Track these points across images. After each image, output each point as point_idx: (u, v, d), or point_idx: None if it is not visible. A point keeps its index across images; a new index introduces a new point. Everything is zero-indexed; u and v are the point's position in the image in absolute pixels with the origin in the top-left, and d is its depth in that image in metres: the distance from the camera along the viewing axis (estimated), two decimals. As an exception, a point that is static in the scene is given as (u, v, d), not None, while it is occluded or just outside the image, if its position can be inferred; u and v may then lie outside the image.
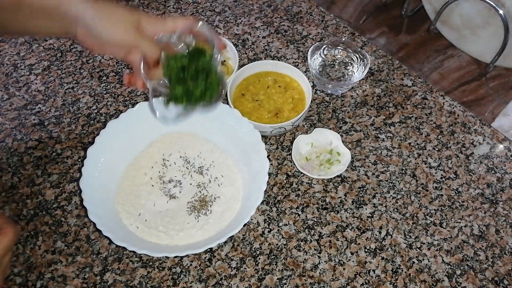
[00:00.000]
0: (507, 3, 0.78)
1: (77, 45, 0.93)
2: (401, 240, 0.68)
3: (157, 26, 0.59)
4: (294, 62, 0.90)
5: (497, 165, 0.76)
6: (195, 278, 0.65)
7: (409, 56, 0.93)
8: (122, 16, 0.57)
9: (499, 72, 0.89)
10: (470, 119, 0.81)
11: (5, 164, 0.76)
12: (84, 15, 0.56)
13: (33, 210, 0.71)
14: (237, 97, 0.78)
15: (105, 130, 0.70)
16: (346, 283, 0.64)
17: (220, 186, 0.71)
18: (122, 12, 0.57)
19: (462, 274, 0.65)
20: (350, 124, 0.81)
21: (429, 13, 0.94)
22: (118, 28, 0.57)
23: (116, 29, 0.57)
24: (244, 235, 0.68)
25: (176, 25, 0.60)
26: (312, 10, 0.99)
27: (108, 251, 0.67)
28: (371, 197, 0.72)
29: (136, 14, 0.58)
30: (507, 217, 0.70)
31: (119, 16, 0.57)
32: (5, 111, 0.83)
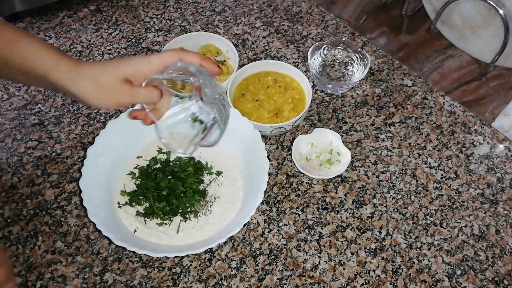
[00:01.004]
0: (507, 3, 0.78)
1: (77, 45, 0.93)
2: (401, 240, 0.68)
3: (142, 68, 0.56)
4: (294, 62, 0.90)
5: (497, 165, 0.76)
6: (195, 278, 0.65)
7: (409, 56, 0.93)
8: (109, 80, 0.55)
9: (499, 72, 0.89)
10: (470, 119, 0.81)
11: (5, 164, 0.76)
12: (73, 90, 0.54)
13: (33, 210, 0.71)
14: (237, 97, 0.78)
15: (105, 130, 0.69)
16: (346, 283, 0.64)
17: (220, 186, 0.71)
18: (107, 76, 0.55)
19: (462, 274, 0.65)
20: (350, 124, 0.81)
21: (429, 13, 0.94)
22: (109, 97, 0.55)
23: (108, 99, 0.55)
24: (244, 235, 0.68)
25: (163, 63, 0.57)
26: (312, 10, 0.99)
27: (108, 251, 0.67)
28: (371, 197, 0.72)
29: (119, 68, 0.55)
30: (507, 217, 0.70)
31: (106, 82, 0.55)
32: (5, 111, 0.83)
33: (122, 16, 0.99)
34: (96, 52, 0.92)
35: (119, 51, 0.92)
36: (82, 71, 0.54)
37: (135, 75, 0.56)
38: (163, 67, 0.57)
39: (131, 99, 0.56)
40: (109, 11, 1.00)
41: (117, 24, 0.97)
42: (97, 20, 0.98)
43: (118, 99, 0.55)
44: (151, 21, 0.98)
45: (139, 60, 0.56)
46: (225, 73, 0.83)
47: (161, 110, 0.61)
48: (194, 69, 0.57)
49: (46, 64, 0.54)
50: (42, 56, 0.55)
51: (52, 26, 0.97)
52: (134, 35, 0.95)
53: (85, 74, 0.54)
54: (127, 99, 0.56)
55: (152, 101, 0.58)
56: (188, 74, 0.57)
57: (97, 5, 1.01)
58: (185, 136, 0.65)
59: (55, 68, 0.54)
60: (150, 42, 0.94)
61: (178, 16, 0.98)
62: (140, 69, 0.56)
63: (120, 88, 0.55)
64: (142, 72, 0.56)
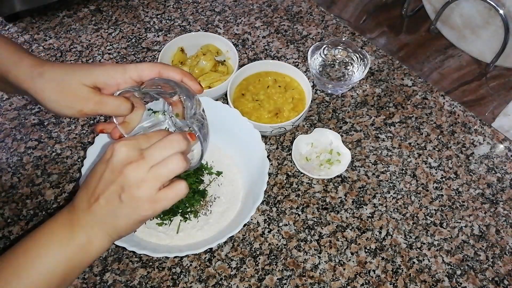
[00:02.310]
0: (507, 3, 0.78)
1: (77, 45, 0.93)
2: (401, 240, 0.68)
3: (117, 78, 0.52)
4: (294, 62, 0.90)
5: (497, 165, 0.76)
6: (195, 278, 0.65)
7: (409, 56, 0.93)
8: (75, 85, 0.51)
9: (499, 72, 0.89)
10: (471, 119, 0.81)
11: (5, 164, 0.76)
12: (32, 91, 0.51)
13: (32, 210, 0.71)
14: (237, 97, 0.78)
15: (105, 130, 0.69)
16: (346, 283, 0.64)
17: (220, 186, 0.71)
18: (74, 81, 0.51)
19: (463, 274, 0.65)
20: (350, 124, 0.81)
21: (429, 13, 0.94)
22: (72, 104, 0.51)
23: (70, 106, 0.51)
24: (244, 235, 0.68)
25: (141, 74, 0.52)
26: (312, 10, 0.99)
27: (108, 251, 0.67)
28: (371, 197, 0.72)
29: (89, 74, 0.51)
30: (507, 217, 0.70)
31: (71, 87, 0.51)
32: (5, 111, 0.83)
33: (122, 16, 0.99)
34: (96, 52, 0.92)
35: (119, 51, 0.92)
36: (45, 72, 0.51)
37: (106, 83, 0.52)
38: (139, 79, 0.53)
39: (97, 109, 0.52)
40: (109, 11, 1.00)
41: (117, 24, 0.97)
42: (97, 20, 0.98)
43: (82, 107, 0.51)
44: (151, 21, 0.98)
45: (114, 68, 0.52)
46: (225, 73, 0.83)
47: (130, 124, 0.57)
48: (173, 84, 0.52)
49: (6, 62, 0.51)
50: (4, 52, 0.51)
51: (52, 26, 0.97)
52: (134, 35, 0.95)
53: (47, 74, 0.50)
54: (92, 108, 0.52)
55: (121, 113, 0.54)
56: (166, 89, 0.53)
57: (97, 5, 1.01)
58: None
59: (16, 65, 0.51)
60: (150, 42, 0.94)
61: (178, 16, 0.98)
62: (114, 77, 0.52)
63: (86, 95, 0.51)
64: (115, 81, 0.52)
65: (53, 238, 0.47)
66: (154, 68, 0.53)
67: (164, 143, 0.47)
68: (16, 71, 0.51)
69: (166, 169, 0.46)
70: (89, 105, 0.51)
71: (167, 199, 0.46)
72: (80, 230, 0.47)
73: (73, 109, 0.51)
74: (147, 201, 0.46)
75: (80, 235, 0.47)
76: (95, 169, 0.48)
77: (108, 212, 0.47)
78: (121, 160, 0.45)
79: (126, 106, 0.53)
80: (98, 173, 0.47)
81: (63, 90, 0.51)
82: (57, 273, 0.46)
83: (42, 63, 0.51)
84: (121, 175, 0.45)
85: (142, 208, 0.46)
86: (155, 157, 0.46)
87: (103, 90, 0.53)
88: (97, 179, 0.47)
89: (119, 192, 0.45)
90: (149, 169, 0.45)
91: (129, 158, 0.45)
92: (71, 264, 0.47)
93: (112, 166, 0.46)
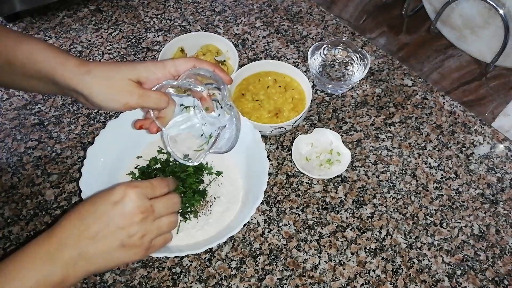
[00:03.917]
0: (507, 3, 0.78)
1: (77, 45, 0.93)
2: (401, 240, 0.68)
3: (157, 73, 0.56)
4: (294, 62, 0.90)
5: (497, 165, 0.76)
6: (195, 278, 0.65)
7: (409, 56, 0.93)
8: (121, 81, 0.54)
9: (499, 72, 0.89)
10: (471, 119, 0.81)
11: (5, 164, 0.76)
12: (80, 87, 0.53)
13: (32, 210, 0.71)
14: (237, 97, 0.78)
15: (105, 130, 0.69)
16: (346, 283, 0.64)
17: (220, 186, 0.71)
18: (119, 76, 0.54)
19: (463, 274, 0.65)
20: (350, 124, 0.81)
21: (429, 13, 0.94)
22: (119, 97, 0.54)
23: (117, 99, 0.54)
24: (244, 235, 0.68)
25: (178, 69, 0.57)
26: (312, 10, 0.99)
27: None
28: (371, 197, 0.72)
29: (133, 70, 0.55)
30: (507, 217, 0.70)
31: (117, 82, 0.54)
32: (5, 111, 0.83)
33: (122, 16, 0.99)
34: (96, 52, 0.92)
35: (119, 51, 0.92)
36: (92, 69, 0.54)
37: (148, 78, 0.56)
38: (177, 74, 0.57)
39: (141, 102, 0.55)
40: (109, 11, 1.00)
41: (117, 24, 0.97)
42: (97, 20, 0.98)
43: (127, 100, 0.55)
44: (151, 21, 0.98)
45: (154, 64, 0.57)
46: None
47: (165, 118, 0.61)
48: (207, 74, 0.58)
49: (52, 63, 0.54)
50: (48, 54, 0.54)
51: (52, 26, 0.97)
52: (134, 35, 0.95)
53: (94, 72, 0.54)
54: (137, 101, 0.55)
55: (161, 107, 0.58)
56: (198, 83, 0.58)
57: (97, 5, 1.01)
58: (189, 146, 0.66)
59: (62, 65, 0.53)
60: (150, 42, 0.94)
61: (178, 16, 0.98)
62: (154, 73, 0.56)
63: (131, 89, 0.55)
64: (156, 76, 0.56)
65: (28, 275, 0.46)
66: (189, 62, 0.58)
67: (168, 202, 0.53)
68: (63, 70, 0.53)
69: (166, 225, 0.53)
70: (134, 98, 0.55)
71: (156, 246, 0.53)
72: (60, 267, 0.47)
73: (119, 102, 0.55)
74: (144, 249, 0.51)
75: (60, 272, 0.47)
76: (97, 207, 0.49)
77: (101, 253, 0.48)
78: (133, 208, 0.49)
79: (165, 99, 0.57)
80: (101, 211, 0.48)
81: (110, 85, 0.54)
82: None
83: (87, 62, 0.55)
84: (132, 223, 0.48)
85: (138, 254, 0.51)
86: (161, 212, 0.52)
87: (144, 84, 0.57)
88: (98, 216, 0.48)
89: (123, 239, 0.48)
90: (153, 222, 0.51)
91: (140, 207, 0.49)
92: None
93: (123, 211, 0.48)
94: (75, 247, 0.47)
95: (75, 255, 0.47)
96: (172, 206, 0.54)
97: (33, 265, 0.46)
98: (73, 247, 0.47)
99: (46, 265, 0.46)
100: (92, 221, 0.48)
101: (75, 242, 0.47)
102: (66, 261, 0.47)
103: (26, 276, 0.46)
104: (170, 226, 0.54)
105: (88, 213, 0.49)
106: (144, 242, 0.50)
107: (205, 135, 0.67)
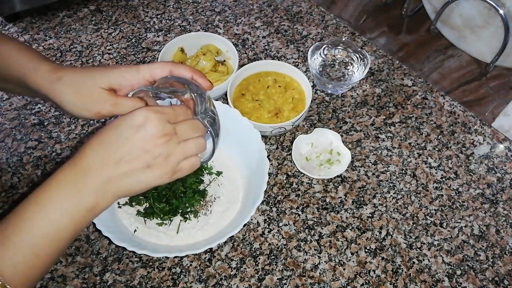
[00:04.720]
0: (507, 3, 0.78)
1: (77, 45, 0.93)
2: (401, 240, 0.68)
3: (130, 79, 0.54)
4: (294, 62, 0.90)
5: (497, 165, 0.76)
6: (195, 278, 0.65)
7: (409, 56, 0.93)
8: (92, 89, 0.52)
9: (499, 72, 0.89)
10: (471, 119, 0.81)
11: (5, 164, 0.76)
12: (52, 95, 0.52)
13: (33, 210, 0.71)
14: (237, 97, 0.78)
15: (105, 130, 0.69)
16: (346, 283, 0.64)
17: (220, 186, 0.71)
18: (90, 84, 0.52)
19: (463, 274, 0.65)
20: (350, 124, 0.81)
21: (429, 13, 0.94)
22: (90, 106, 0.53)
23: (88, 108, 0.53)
24: (244, 235, 0.68)
25: (153, 73, 0.54)
26: (312, 10, 0.99)
27: (108, 251, 0.67)
28: (371, 197, 0.72)
29: (105, 76, 0.53)
30: (507, 217, 0.70)
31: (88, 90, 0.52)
32: (5, 111, 0.83)
33: (122, 16, 0.99)
34: (96, 52, 0.92)
35: (119, 51, 0.92)
36: (63, 76, 0.52)
37: (121, 85, 0.54)
38: (152, 79, 0.55)
39: (113, 110, 0.53)
40: (109, 11, 1.00)
41: (117, 24, 0.97)
42: (97, 20, 0.98)
43: (99, 109, 0.53)
44: (151, 21, 0.98)
45: (128, 69, 0.54)
46: (225, 73, 0.83)
47: None
48: (184, 81, 0.54)
49: (25, 67, 0.52)
50: (22, 58, 0.53)
51: (52, 26, 0.97)
52: (134, 35, 0.95)
53: (65, 79, 0.52)
54: (109, 110, 0.53)
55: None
56: (177, 87, 0.55)
57: (97, 5, 1.01)
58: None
59: (34, 71, 0.52)
60: (150, 42, 0.94)
61: (178, 16, 0.98)
62: (127, 78, 0.54)
63: (102, 97, 0.53)
64: (129, 82, 0.54)
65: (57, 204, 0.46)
66: (165, 67, 0.55)
67: (192, 125, 0.51)
68: (35, 76, 0.52)
69: (193, 147, 0.51)
70: (106, 107, 0.53)
71: (183, 170, 0.51)
72: (90, 193, 0.47)
73: (90, 111, 0.53)
74: (170, 171, 0.50)
75: (89, 199, 0.47)
76: (119, 131, 0.48)
77: (128, 176, 0.48)
78: (156, 131, 0.48)
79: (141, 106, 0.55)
80: (123, 136, 0.47)
81: (81, 93, 0.52)
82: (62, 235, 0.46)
83: (59, 68, 0.53)
84: (156, 145, 0.48)
85: (164, 176, 0.49)
86: (185, 135, 0.50)
87: (119, 91, 0.54)
88: (121, 141, 0.47)
89: (148, 160, 0.48)
90: (178, 144, 0.49)
91: (163, 130, 0.48)
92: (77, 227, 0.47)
93: (146, 134, 0.47)
94: (101, 173, 0.47)
95: (103, 181, 0.47)
96: (196, 129, 0.52)
97: (61, 198, 0.46)
98: (99, 173, 0.47)
99: (74, 194, 0.46)
100: (116, 147, 0.47)
101: (101, 169, 0.47)
102: (94, 188, 0.47)
103: (56, 208, 0.46)
104: (198, 147, 0.51)
105: (110, 139, 0.48)
106: (169, 163, 0.49)
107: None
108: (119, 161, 0.47)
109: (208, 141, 0.54)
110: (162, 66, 0.55)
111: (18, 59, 0.53)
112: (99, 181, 0.47)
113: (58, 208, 0.46)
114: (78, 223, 0.47)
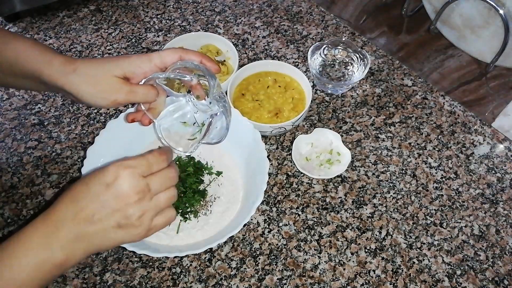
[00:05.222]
0: (507, 3, 0.78)
1: (77, 45, 0.93)
2: (401, 240, 0.68)
3: (143, 67, 0.56)
4: (294, 62, 0.90)
5: (497, 165, 0.76)
6: (195, 278, 0.65)
7: (409, 56, 0.93)
8: (107, 78, 0.54)
9: (499, 72, 0.89)
10: (471, 119, 0.81)
11: (5, 164, 0.76)
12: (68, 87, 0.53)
13: (32, 210, 0.71)
14: (237, 97, 0.78)
15: (105, 130, 0.69)
16: (346, 283, 0.64)
17: (220, 186, 0.71)
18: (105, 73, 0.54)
19: (463, 274, 0.65)
20: (350, 124, 0.81)
21: (429, 13, 0.94)
22: (106, 95, 0.54)
23: (105, 97, 0.54)
24: (244, 235, 0.68)
25: (164, 60, 0.56)
26: (312, 10, 0.99)
27: (108, 251, 0.67)
28: (371, 197, 0.72)
29: (118, 66, 0.54)
30: (507, 217, 0.70)
31: (103, 79, 0.54)
32: (5, 111, 0.83)
33: (122, 16, 0.99)
34: (96, 52, 0.92)
35: (119, 51, 0.92)
36: (78, 68, 0.53)
37: (134, 73, 0.55)
38: (163, 66, 0.57)
39: (129, 98, 0.55)
40: (109, 11, 1.00)
41: (117, 24, 0.97)
42: (97, 20, 0.98)
43: (115, 97, 0.54)
44: (151, 21, 0.98)
45: (139, 58, 0.56)
46: (225, 73, 0.83)
47: (157, 109, 0.61)
48: (193, 66, 0.57)
49: (39, 61, 0.53)
50: (35, 53, 0.54)
51: (52, 26, 0.97)
52: (134, 35, 0.95)
53: (80, 70, 0.53)
54: (125, 98, 0.55)
55: (150, 100, 0.58)
56: (186, 73, 0.58)
57: (97, 5, 1.01)
58: (182, 135, 0.65)
59: (48, 64, 0.53)
60: (150, 42, 0.94)
61: (178, 16, 0.98)
62: (140, 67, 0.55)
63: (118, 86, 0.54)
64: (142, 70, 0.56)
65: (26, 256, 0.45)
66: (175, 54, 0.57)
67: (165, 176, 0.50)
68: (50, 70, 0.53)
69: (165, 201, 0.50)
70: (122, 95, 0.54)
71: (158, 226, 0.50)
72: (59, 248, 0.46)
73: (107, 100, 0.54)
74: (144, 229, 0.49)
75: (59, 254, 0.46)
76: (90, 188, 0.47)
77: (99, 234, 0.47)
78: (127, 189, 0.46)
79: (153, 93, 0.57)
80: (94, 193, 0.46)
81: (96, 83, 0.54)
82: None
83: (73, 60, 0.54)
84: (127, 204, 0.46)
85: (138, 236, 0.49)
86: (158, 189, 0.49)
87: (132, 80, 0.56)
88: (91, 198, 0.46)
89: (120, 220, 0.47)
90: (151, 200, 0.48)
91: (135, 188, 0.47)
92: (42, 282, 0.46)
93: (117, 193, 0.46)
94: (72, 229, 0.46)
95: (73, 237, 0.46)
96: (169, 180, 0.50)
97: (30, 251, 0.45)
98: (70, 229, 0.46)
99: (44, 249, 0.45)
100: (86, 203, 0.46)
101: (71, 224, 0.46)
102: (64, 243, 0.46)
103: (24, 261, 0.45)
104: (168, 201, 0.50)
105: (81, 194, 0.47)
106: (143, 222, 0.48)
107: (198, 123, 0.67)
108: (90, 219, 0.46)
109: (221, 120, 0.58)
110: (172, 53, 0.57)
111: (31, 55, 0.54)
112: (69, 237, 0.46)
113: (26, 261, 0.45)
114: (44, 278, 0.46)
